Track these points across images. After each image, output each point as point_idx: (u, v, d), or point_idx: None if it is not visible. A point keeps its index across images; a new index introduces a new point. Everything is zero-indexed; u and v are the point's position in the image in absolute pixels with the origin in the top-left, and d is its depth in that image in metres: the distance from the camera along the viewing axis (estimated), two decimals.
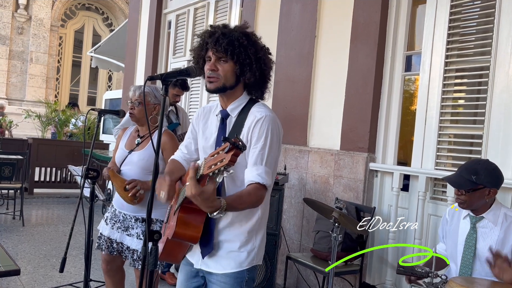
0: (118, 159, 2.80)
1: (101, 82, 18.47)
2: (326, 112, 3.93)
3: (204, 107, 1.94)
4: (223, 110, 1.79)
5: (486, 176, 2.16)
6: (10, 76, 15.65)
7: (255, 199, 1.65)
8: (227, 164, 1.33)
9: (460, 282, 1.89)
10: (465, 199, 2.17)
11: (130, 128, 2.95)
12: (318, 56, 4.05)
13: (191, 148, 1.95)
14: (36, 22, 16.06)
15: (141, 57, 7.06)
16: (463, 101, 3.21)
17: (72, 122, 9.33)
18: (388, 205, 3.48)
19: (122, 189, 2.63)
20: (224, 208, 1.52)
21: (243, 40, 1.69)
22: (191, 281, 1.83)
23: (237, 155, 1.33)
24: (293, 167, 4.11)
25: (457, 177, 2.21)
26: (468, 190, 2.15)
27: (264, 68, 1.75)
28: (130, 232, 2.72)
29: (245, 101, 1.78)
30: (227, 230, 1.73)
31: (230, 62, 1.70)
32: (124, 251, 2.75)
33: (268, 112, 1.73)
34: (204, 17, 5.83)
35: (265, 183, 1.65)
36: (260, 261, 1.80)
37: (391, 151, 3.52)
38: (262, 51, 1.75)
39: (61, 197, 7.93)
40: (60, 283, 3.77)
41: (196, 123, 1.91)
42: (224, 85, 1.72)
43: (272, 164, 1.70)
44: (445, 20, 3.18)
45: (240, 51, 1.68)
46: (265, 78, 1.78)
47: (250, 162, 1.68)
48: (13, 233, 5.28)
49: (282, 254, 3.78)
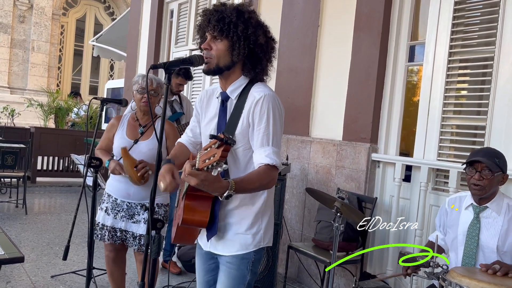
0: (120, 148, 2.79)
1: (103, 71, 18.43)
2: (329, 103, 3.92)
3: (207, 90, 1.91)
4: (223, 92, 1.76)
5: (503, 161, 2.18)
6: (12, 64, 15.61)
7: (266, 180, 1.64)
8: (218, 160, 1.34)
9: (461, 272, 1.90)
10: (486, 184, 2.14)
11: (125, 116, 2.94)
12: (321, 46, 4.03)
13: (196, 131, 1.95)
14: (38, 11, 15.98)
15: (143, 46, 7.03)
16: (466, 92, 3.20)
17: (74, 112, 9.33)
18: (390, 195, 3.49)
19: (132, 168, 2.64)
20: (233, 187, 1.52)
21: (232, 16, 1.65)
22: (208, 263, 1.86)
23: (227, 150, 1.34)
24: (295, 157, 4.11)
25: (489, 159, 2.14)
26: (493, 173, 2.13)
27: (252, 46, 1.67)
28: (137, 219, 2.75)
29: (244, 82, 1.74)
30: (234, 212, 1.73)
31: (224, 40, 1.66)
32: (129, 239, 2.78)
33: (267, 90, 1.69)
34: (206, 6, 5.80)
35: (275, 163, 1.64)
36: (269, 243, 1.80)
37: (394, 142, 3.52)
38: (253, 29, 1.67)
39: (63, 186, 7.96)
40: (63, 270, 3.80)
41: (199, 106, 1.90)
42: (217, 65, 1.69)
43: (278, 143, 1.69)
44: (449, 10, 3.16)
45: (229, 28, 1.64)
46: (257, 57, 1.70)
47: (256, 144, 1.67)
48: (16, 221, 5.31)
49: (284, 244, 3.80)
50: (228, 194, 1.51)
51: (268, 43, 1.74)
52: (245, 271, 1.74)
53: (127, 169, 2.68)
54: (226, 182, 1.51)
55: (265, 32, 1.73)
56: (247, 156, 1.72)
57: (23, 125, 9.99)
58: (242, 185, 1.56)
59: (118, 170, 2.72)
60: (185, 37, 6.18)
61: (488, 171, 2.13)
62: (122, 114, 2.99)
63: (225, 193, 1.50)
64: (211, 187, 1.47)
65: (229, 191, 1.51)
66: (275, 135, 1.67)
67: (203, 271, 1.88)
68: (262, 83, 1.76)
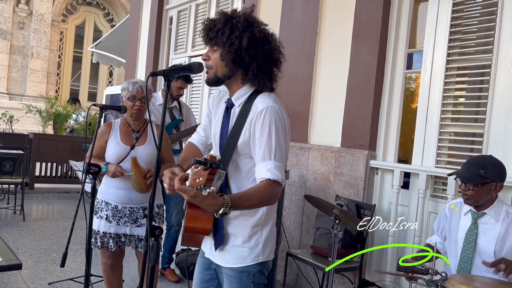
0: (117, 155, 2.79)
1: (102, 77, 18.43)
2: (327, 109, 3.93)
3: (220, 90, 1.85)
4: (229, 99, 1.73)
5: (493, 170, 2.17)
6: (11, 71, 15.61)
7: (266, 196, 1.57)
8: (205, 183, 1.34)
9: (460, 280, 1.90)
10: (473, 194, 2.16)
11: (115, 122, 2.93)
12: (319, 53, 4.04)
13: (208, 132, 1.89)
14: (37, 17, 16.01)
15: (142, 52, 7.05)
16: (464, 99, 3.21)
17: (73, 118, 9.32)
18: (388, 202, 3.49)
19: (142, 177, 2.70)
20: (229, 204, 1.48)
21: (220, 24, 1.60)
22: (205, 273, 1.83)
23: (213, 173, 1.33)
24: (294, 164, 4.11)
25: (466, 171, 2.19)
26: (477, 185, 2.14)
27: (236, 50, 1.59)
28: (140, 222, 2.80)
29: (249, 90, 1.68)
30: (233, 221, 1.69)
31: (218, 49, 1.63)
32: (134, 241, 2.82)
33: (270, 102, 1.61)
34: (205, 13, 5.82)
35: (277, 178, 1.57)
36: (270, 257, 1.73)
37: (392, 149, 3.52)
38: (238, 33, 1.59)
39: (61, 192, 7.94)
40: (61, 277, 3.78)
41: (211, 105, 1.86)
42: (215, 75, 1.66)
43: (282, 158, 1.60)
44: (447, 17, 3.18)
45: (217, 36, 1.61)
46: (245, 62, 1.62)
47: (258, 158, 1.61)
48: (14, 228, 5.29)
49: (282, 251, 3.79)
50: (223, 212, 1.48)
51: (258, 46, 1.63)
52: (247, 283, 1.69)
53: (137, 179, 2.71)
54: (221, 200, 1.47)
55: (253, 35, 1.61)
56: (249, 165, 1.68)
57: (21, 131, 9.96)
58: (239, 202, 1.52)
59: (120, 171, 2.72)
60: (184, 44, 6.20)
61: (469, 183, 2.15)
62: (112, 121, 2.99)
63: (220, 211, 1.47)
64: (203, 203, 1.44)
65: (224, 209, 1.47)
66: (277, 148, 1.59)
67: (199, 279, 1.86)
68: (268, 93, 1.68)
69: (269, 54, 1.68)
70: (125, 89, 2.85)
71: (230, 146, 1.66)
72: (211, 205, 1.46)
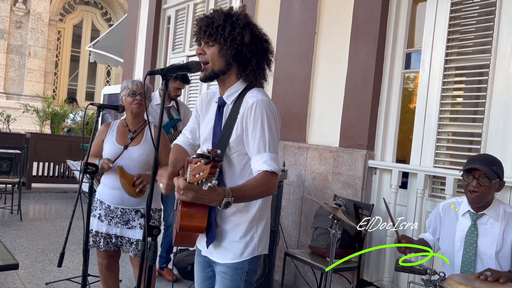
0: (111, 154, 2.78)
1: (99, 77, 18.41)
2: (326, 109, 3.93)
3: (207, 92, 1.90)
4: (220, 97, 1.76)
5: (501, 168, 2.17)
6: (8, 70, 15.57)
7: (265, 187, 1.61)
8: (207, 177, 1.34)
9: (458, 280, 1.90)
10: (484, 191, 2.13)
11: (114, 123, 2.94)
12: (318, 53, 4.04)
13: (195, 134, 1.93)
14: (35, 16, 15.97)
15: (140, 52, 7.03)
16: (462, 99, 3.21)
17: (71, 117, 9.30)
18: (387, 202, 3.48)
19: (131, 185, 2.68)
20: (230, 194, 1.50)
21: (220, 20, 1.66)
22: (206, 271, 1.85)
23: (216, 167, 1.34)
24: (292, 164, 4.11)
25: (486, 167, 2.13)
26: (491, 181, 2.12)
27: (238, 46, 1.65)
28: (132, 224, 2.75)
29: (241, 87, 1.73)
30: (230, 218, 1.72)
31: (215, 44, 1.67)
32: (125, 244, 2.77)
33: (260, 96, 1.67)
34: (203, 12, 5.81)
35: (273, 169, 1.61)
36: (264, 251, 1.78)
37: (390, 149, 3.52)
38: (239, 29, 1.66)
39: (59, 192, 7.92)
40: (58, 277, 3.77)
41: (200, 108, 1.89)
42: (212, 70, 1.69)
43: (275, 149, 1.66)
44: (445, 17, 3.18)
45: (216, 31, 1.65)
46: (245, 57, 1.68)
47: (253, 151, 1.65)
48: (11, 228, 5.27)
49: (280, 251, 3.79)
50: (226, 201, 1.49)
51: (258, 43, 1.70)
52: (239, 281, 1.72)
53: (125, 187, 2.69)
54: (222, 190, 1.50)
55: (253, 32, 1.69)
56: (242, 162, 1.71)
57: (18, 130, 9.94)
58: (240, 192, 1.55)
59: (107, 164, 2.71)
60: (182, 43, 6.19)
61: (486, 178, 2.12)
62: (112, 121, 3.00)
63: (223, 201, 1.49)
64: (208, 198, 1.46)
65: (226, 198, 1.49)
66: (271, 140, 1.64)
67: (201, 278, 1.87)
68: (257, 88, 1.73)
69: (266, 52, 1.75)
70: (124, 87, 2.87)
71: (223, 143, 1.69)
72: (214, 198, 1.47)
